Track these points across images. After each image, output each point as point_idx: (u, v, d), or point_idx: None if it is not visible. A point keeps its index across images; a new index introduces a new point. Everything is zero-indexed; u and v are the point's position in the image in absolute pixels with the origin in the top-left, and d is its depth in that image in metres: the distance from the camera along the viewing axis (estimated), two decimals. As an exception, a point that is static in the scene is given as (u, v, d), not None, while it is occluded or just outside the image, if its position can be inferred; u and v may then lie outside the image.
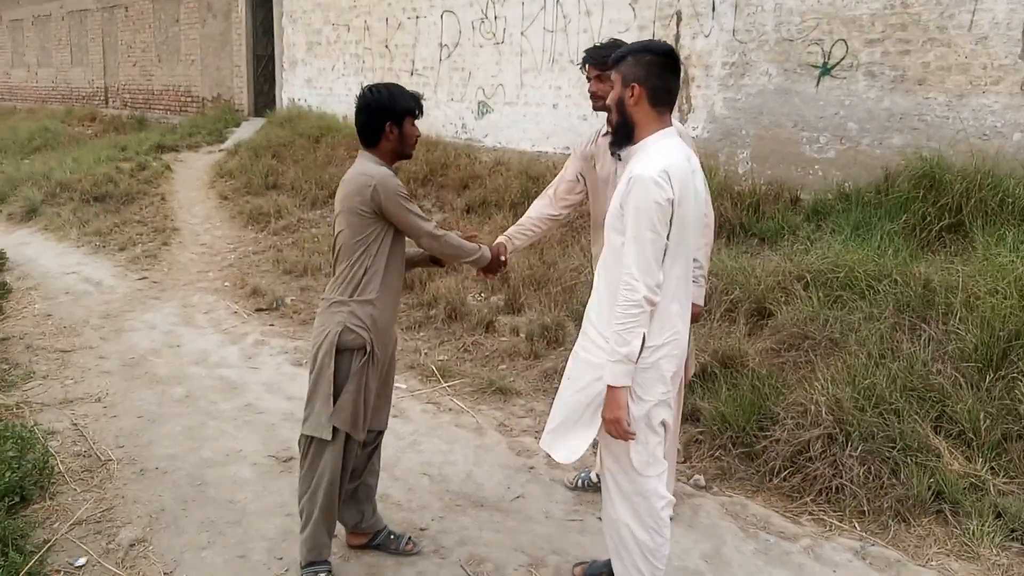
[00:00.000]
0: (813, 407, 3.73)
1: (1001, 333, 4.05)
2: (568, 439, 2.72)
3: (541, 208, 3.69)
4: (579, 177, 3.63)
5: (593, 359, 2.65)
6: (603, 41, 3.51)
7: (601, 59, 3.31)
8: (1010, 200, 5.53)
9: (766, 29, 7.34)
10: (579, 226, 7.27)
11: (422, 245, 3.11)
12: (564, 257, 6.83)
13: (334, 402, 2.95)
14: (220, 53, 14.88)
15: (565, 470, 3.92)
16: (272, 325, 6.26)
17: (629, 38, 8.37)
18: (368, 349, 2.96)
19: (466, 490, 3.75)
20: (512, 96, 9.64)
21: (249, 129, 13.24)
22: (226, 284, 7.36)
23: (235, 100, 14.71)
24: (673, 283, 2.58)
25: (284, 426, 4.43)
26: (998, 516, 3.29)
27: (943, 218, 5.72)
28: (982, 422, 3.63)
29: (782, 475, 3.64)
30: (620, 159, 3.44)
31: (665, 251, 2.51)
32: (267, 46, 13.97)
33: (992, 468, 3.50)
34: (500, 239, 3.58)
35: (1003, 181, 5.72)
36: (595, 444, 3.93)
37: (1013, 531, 3.25)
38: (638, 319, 2.47)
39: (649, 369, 2.58)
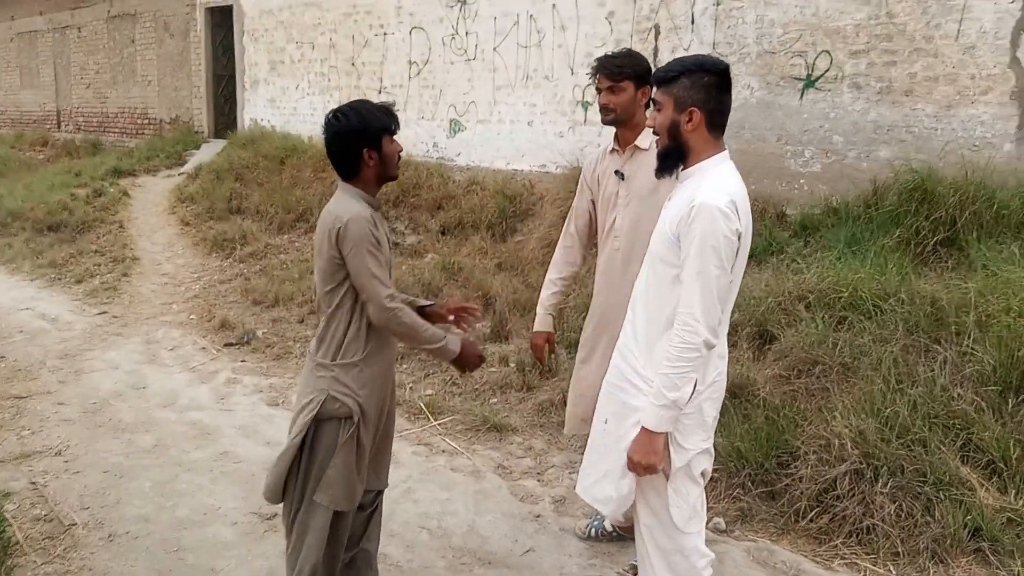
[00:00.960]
0: (837, 441, 3.51)
1: (1019, 354, 3.88)
2: (615, 489, 2.46)
3: (571, 262, 3.43)
4: (592, 205, 3.38)
5: (633, 401, 2.40)
6: (615, 51, 3.24)
7: (615, 69, 3.06)
8: (1005, 212, 5.41)
9: (747, 42, 7.20)
10: (561, 247, 7.01)
11: (368, 313, 2.64)
12: (548, 280, 6.56)
13: (303, 473, 2.68)
14: (178, 74, 14.44)
15: (575, 517, 3.64)
16: (244, 361, 5.91)
17: (606, 52, 8.18)
18: (356, 418, 2.65)
19: (470, 545, 3.46)
20: (485, 114, 9.40)
21: (210, 151, 12.82)
22: (192, 317, 6.98)
23: (194, 121, 14.27)
24: (725, 321, 2.35)
25: (264, 476, 4.09)
26: (1043, 555, 3.09)
27: (937, 232, 5.58)
28: (1012, 451, 3.43)
29: (808, 516, 3.40)
30: (623, 178, 3.20)
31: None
32: (227, 66, 13.57)
33: (1029, 502, 3.30)
34: (545, 320, 3.43)
35: (996, 193, 5.61)
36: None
37: (1059, 571, 3.04)
38: (693, 364, 2.24)
39: (692, 414, 2.34)
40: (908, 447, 3.52)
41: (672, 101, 2.36)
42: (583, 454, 2.69)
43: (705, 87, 2.33)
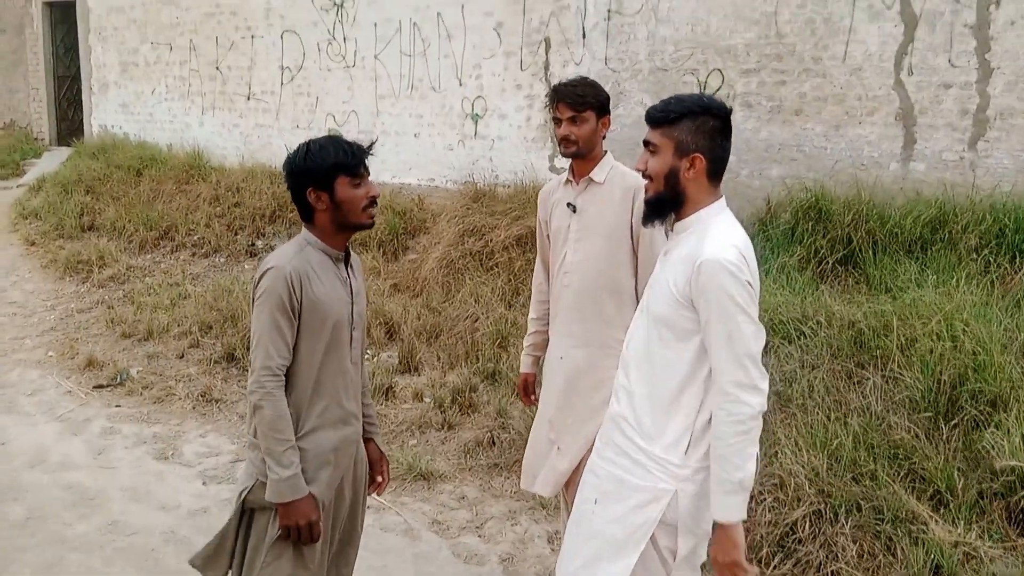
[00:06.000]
0: (792, 480, 3.44)
1: (944, 378, 3.96)
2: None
3: (544, 300, 3.20)
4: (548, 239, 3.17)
5: (634, 480, 2.17)
6: (570, 78, 3.02)
7: (577, 99, 2.83)
8: (898, 231, 5.60)
9: (639, 58, 7.18)
10: (460, 267, 6.75)
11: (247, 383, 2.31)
12: (451, 303, 6.28)
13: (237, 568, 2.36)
14: (12, 74, 13.04)
15: (529, 578, 3.40)
16: (119, 406, 5.26)
17: (495, 65, 7.98)
18: None
19: (420, 621, 3.14)
20: (367, 124, 8.97)
21: (53, 161, 11.64)
22: (50, 354, 6.20)
23: (33, 127, 12.93)
24: None
25: (167, 551, 3.59)
26: (999, 588, 3.12)
27: (835, 250, 5.72)
28: (956, 481, 3.47)
29: (772, 563, 3.31)
30: (575, 211, 2.98)
31: None
32: (70, 66, 12.38)
33: (977, 532, 3.33)
34: (525, 361, 3.24)
35: (886, 211, 5.81)
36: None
37: (1016, 603, 3.08)
38: (750, 436, 2.04)
39: (703, 494, 2.14)
40: (859, 481, 3.50)
41: (672, 145, 2.15)
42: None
43: (709, 132, 2.14)
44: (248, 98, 10.15)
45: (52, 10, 12.35)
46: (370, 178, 2.40)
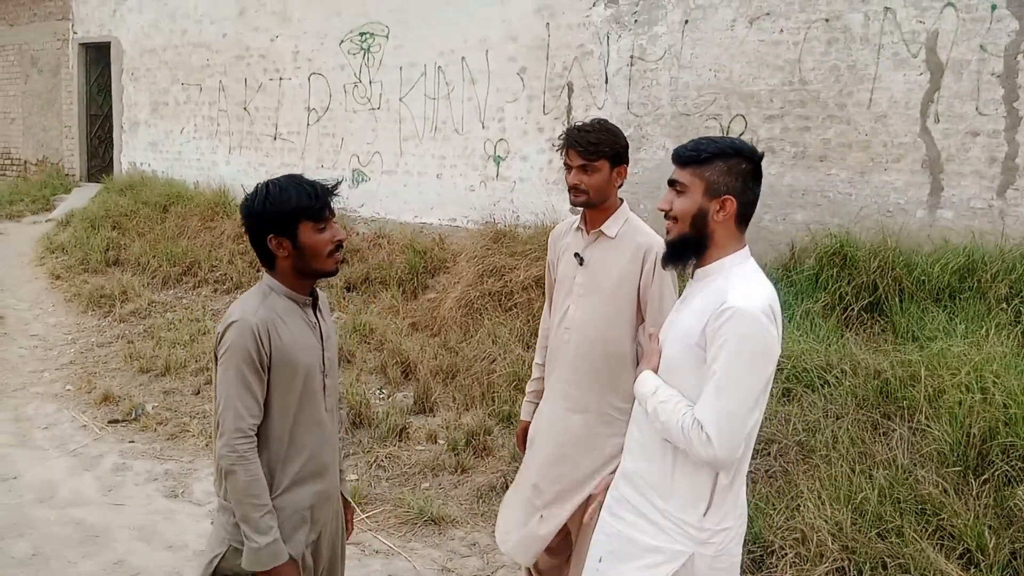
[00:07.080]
0: (815, 535, 3.31)
1: (973, 431, 3.83)
2: None
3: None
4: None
5: (646, 539, 2.07)
6: (586, 121, 2.82)
7: (589, 147, 2.67)
8: (924, 279, 5.49)
9: (662, 103, 7.19)
10: (479, 307, 6.70)
11: (216, 446, 2.15)
12: (468, 343, 6.23)
13: None
14: (47, 112, 13.33)
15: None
16: (132, 442, 5.23)
17: (518, 108, 8.03)
18: None
19: (426, 673, 3.04)
20: (391, 164, 9.03)
21: (83, 196, 11.83)
22: (68, 388, 6.21)
23: (65, 164, 13.17)
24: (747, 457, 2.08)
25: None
26: (1034, 655, 2.96)
27: (860, 297, 5.61)
28: (988, 540, 3.33)
29: (793, 621, 3.18)
30: (582, 263, 2.86)
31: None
32: (103, 105, 12.65)
33: (1010, 594, 3.19)
34: (526, 409, 3.15)
35: (912, 258, 5.71)
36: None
37: (1051, 671, 2.92)
38: (683, 443, 1.98)
39: (722, 556, 2.04)
40: (885, 538, 3.37)
41: (702, 186, 2.06)
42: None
43: (741, 175, 2.06)
44: (274, 138, 10.27)
45: (87, 51, 12.66)
46: (334, 220, 2.24)
